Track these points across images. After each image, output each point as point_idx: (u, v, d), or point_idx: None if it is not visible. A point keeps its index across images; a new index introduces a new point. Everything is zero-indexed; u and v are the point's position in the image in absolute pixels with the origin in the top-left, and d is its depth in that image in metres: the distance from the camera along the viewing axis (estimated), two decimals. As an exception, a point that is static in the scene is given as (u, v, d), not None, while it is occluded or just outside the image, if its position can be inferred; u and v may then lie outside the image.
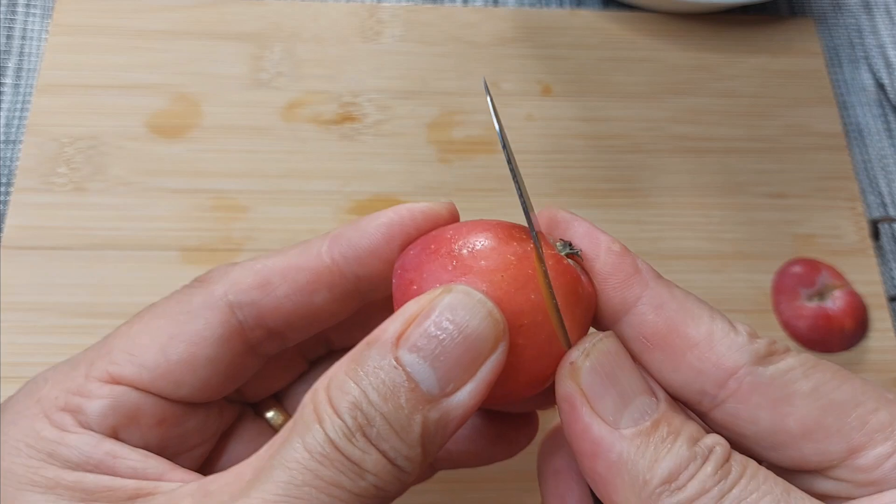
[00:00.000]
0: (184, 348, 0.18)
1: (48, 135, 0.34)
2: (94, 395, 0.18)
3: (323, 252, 0.19)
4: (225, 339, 0.18)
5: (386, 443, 0.15)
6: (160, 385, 0.18)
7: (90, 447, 0.17)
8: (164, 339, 0.18)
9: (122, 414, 0.18)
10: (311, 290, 0.19)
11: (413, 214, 0.19)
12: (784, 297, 0.33)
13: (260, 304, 0.18)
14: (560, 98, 0.37)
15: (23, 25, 0.37)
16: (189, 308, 0.18)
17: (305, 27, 0.37)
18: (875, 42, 0.41)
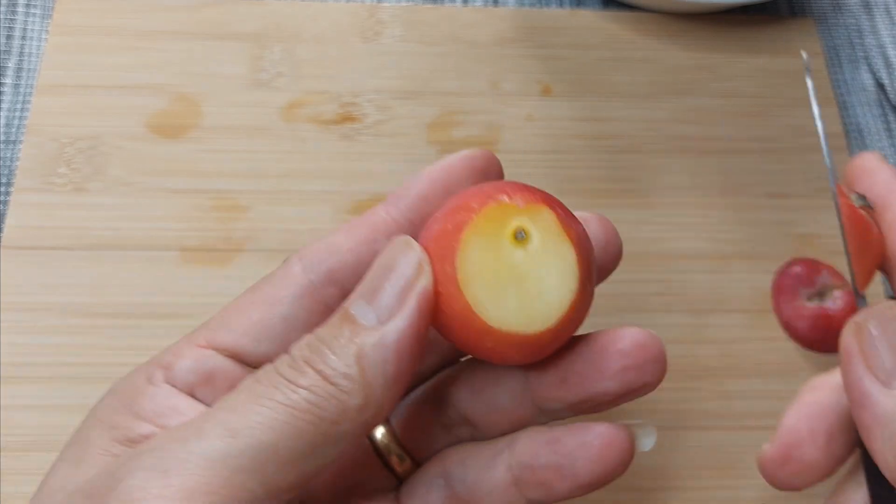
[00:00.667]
0: (262, 308, 0.20)
1: (48, 135, 0.34)
2: (185, 355, 0.19)
3: (378, 209, 0.21)
4: (298, 298, 0.20)
5: (322, 363, 0.17)
6: (241, 343, 0.20)
7: (161, 398, 0.19)
8: (249, 306, 0.20)
9: (201, 373, 0.19)
10: (372, 240, 0.20)
11: (454, 164, 0.21)
12: (784, 297, 0.33)
13: (328, 261, 0.20)
14: (560, 98, 0.37)
15: (23, 25, 0.37)
16: (270, 279, 0.20)
17: (305, 27, 0.37)
18: (875, 42, 0.41)
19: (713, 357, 0.32)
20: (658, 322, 0.32)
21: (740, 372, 0.32)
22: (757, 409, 0.31)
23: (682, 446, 0.30)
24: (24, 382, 0.29)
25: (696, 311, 0.33)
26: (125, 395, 0.19)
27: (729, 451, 0.30)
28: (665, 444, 0.30)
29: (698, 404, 0.31)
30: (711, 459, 0.30)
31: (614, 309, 0.32)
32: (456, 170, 0.20)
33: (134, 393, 0.19)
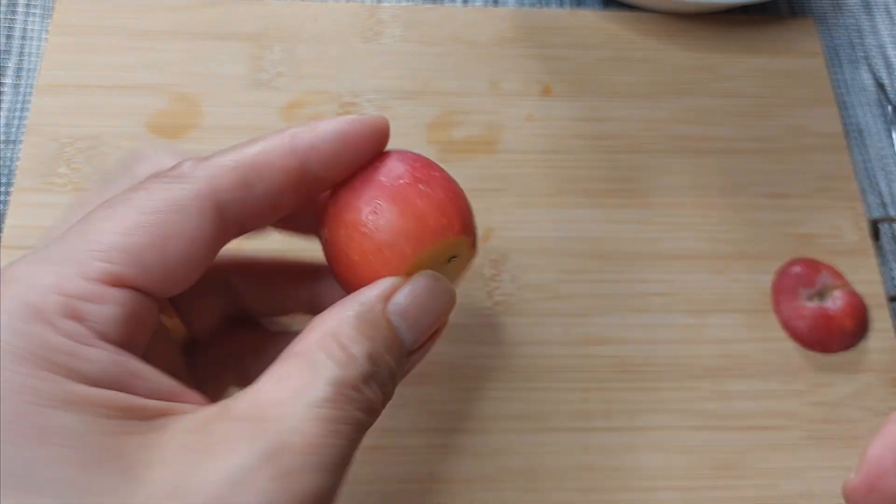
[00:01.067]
0: (183, 248, 0.18)
1: (48, 135, 0.34)
2: (103, 300, 0.16)
3: (289, 153, 0.19)
4: (213, 239, 0.18)
5: (387, 386, 0.19)
6: (160, 287, 0.18)
7: (109, 363, 0.16)
8: (160, 238, 0.17)
9: (135, 322, 0.17)
10: (282, 191, 0.19)
11: (361, 127, 0.21)
12: (784, 296, 0.33)
13: (242, 202, 0.19)
14: (560, 98, 0.37)
15: (23, 25, 0.37)
16: (180, 205, 0.18)
17: (305, 27, 0.37)
18: (875, 42, 0.41)
19: (713, 357, 0.32)
20: (658, 322, 0.32)
21: (740, 372, 0.32)
22: (757, 409, 0.31)
23: (683, 446, 0.30)
24: None
25: (696, 311, 0.33)
26: (49, 360, 0.15)
27: (729, 450, 0.30)
28: (665, 443, 0.30)
29: (698, 404, 0.31)
30: (712, 459, 0.30)
31: (614, 308, 0.32)
32: (359, 134, 0.21)
33: (59, 356, 0.16)
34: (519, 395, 0.31)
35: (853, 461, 0.30)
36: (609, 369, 0.31)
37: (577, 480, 0.29)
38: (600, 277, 0.33)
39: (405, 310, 0.20)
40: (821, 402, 0.31)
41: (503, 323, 0.32)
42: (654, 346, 0.32)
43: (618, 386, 0.31)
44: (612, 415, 0.31)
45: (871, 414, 0.31)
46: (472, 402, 0.30)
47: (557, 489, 0.29)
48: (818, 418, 0.31)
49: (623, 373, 0.31)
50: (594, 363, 0.31)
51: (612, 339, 0.32)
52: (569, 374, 0.31)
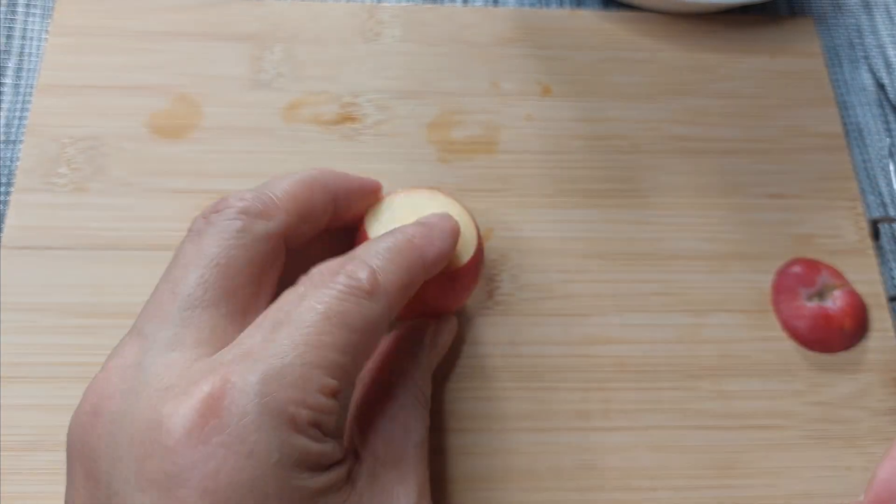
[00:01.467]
0: (364, 364, 0.23)
1: (48, 135, 0.34)
2: (332, 411, 0.21)
3: (327, 205, 0.26)
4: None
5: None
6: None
7: (332, 451, 0.21)
8: (362, 357, 0.22)
9: (335, 424, 0.21)
10: (315, 236, 0.26)
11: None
12: (784, 296, 0.33)
13: (297, 238, 0.25)
14: (559, 98, 0.37)
15: (23, 26, 0.37)
16: (378, 326, 0.22)
17: (305, 28, 0.37)
18: (875, 42, 0.41)
19: (712, 357, 0.32)
20: (657, 322, 0.32)
21: (739, 371, 0.32)
22: (756, 409, 0.31)
23: (682, 446, 0.30)
24: (24, 382, 0.29)
25: (695, 311, 0.33)
26: (303, 464, 0.20)
27: (728, 450, 0.30)
28: (664, 443, 0.30)
29: (697, 403, 0.31)
30: (711, 458, 0.30)
31: (614, 308, 0.33)
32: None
33: (307, 456, 0.20)
34: (519, 394, 0.31)
35: (852, 461, 0.31)
36: (609, 369, 0.31)
37: (576, 480, 0.29)
38: (600, 277, 0.33)
39: (440, 347, 0.29)
40: (820, 402, 0.32)
41: (503, 322, 0.32)
42: (653, 346, 0.32)
43: (617, 385, 0.31)
44: (612, 414, 0.31)
45: (871, 414, 0.31)
46: (472, 402, 0.30)
47: (557, 488, 0.29)
48: (817, 418, 0.31)
49: (622, 372, 0.31)
50: (594, 363, 0.31)
51: (611, 339, 0.32)
52: (568, 373, 0.31)
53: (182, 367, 0.20)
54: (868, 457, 0.31)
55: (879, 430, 0.31)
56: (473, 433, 0.30)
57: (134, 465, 0.18)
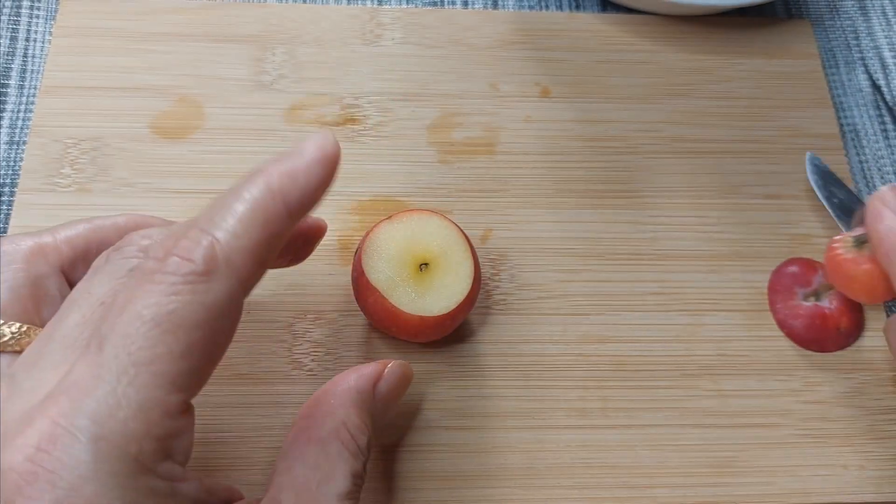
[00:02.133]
0: (223, 351, 0.20)
1: (52, 136, 0.34)
2: (184, 432, 0.18)
3: (288, 230, 0.21)
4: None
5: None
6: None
7: (195, 490, 0.19)
8: (214, 353, 0.19)
9: (191, 441, 0.19)
10: (282, 239, 0.22)
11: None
12: (780, 296, 0.33)
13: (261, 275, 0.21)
14: (558, 100, 0.37)
15: (27, 27, 0.37)
16: (221, 311, 0.19)
17: (307, 30, 0.38)
18: (871, 44, 0.41)
19: (709, 356, 0.32)
20: (655, 321, 0.33)
21: (736, 370, 0.32)
22: (753, 407, 0.31)
23: (679, 444, 0.31)
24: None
25: (692, 311, 0.33)
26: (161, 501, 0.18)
27: (725, 448, 0.31)
28: (662, 440, 0.31)
29: (695, 402, 0.31)
30: (708, 456, 0.30)
31: (612, 308, 0.33)
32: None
33: (163, 499, 0.18)
34: (517, 392, 0.31)
35: (848, 459, 0.31)
36: (607, 368, 0.32)
37: (575, 477, 0.30)
38: (598, 277, 0.33)
39: (386, 396, 0.26)
40: (816, 401, 0.32)
41: (502, 322, 0.32)
42: (651, 345, 0.32)
43: (615, 384, 0.31)
44: (610, 412, 0.31)
45: (866, 412, 0.32)
46: (472, 400, 0.31)
47: (556, 486, 0.29)
48: (813, 416, 0.31)
49: (620, 371, 0.32)
50: (592, 361, 0.32)
51: (609, 338, 0.32)
52: (567, 372, 0.31)
53: (24, 412, 0.17)
54: (864, 455, 0.31)
55: (875, 428, 0.31)
56: (472, 431, 0.30)
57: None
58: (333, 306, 0.32)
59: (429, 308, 0.28)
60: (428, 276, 0.28)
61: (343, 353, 0.31)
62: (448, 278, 0.28)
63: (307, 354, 0.31)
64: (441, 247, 0.29)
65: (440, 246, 0.29)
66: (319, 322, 0.31)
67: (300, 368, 0.30)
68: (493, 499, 0.29)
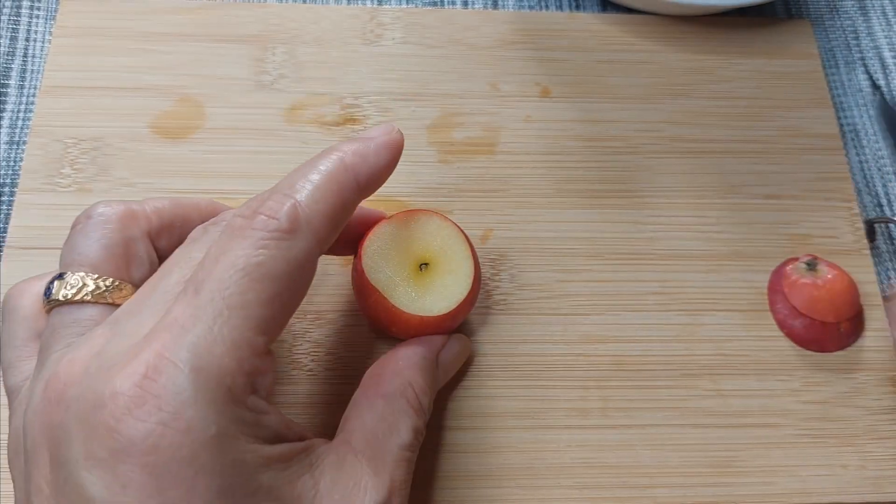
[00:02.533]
0: (301, 300, 0.22)
1: (52, 136, 0.34)
2: (267, 370, 0.21)
3: (349, 178, 0.24)
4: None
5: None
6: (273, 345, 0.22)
7: (277, 422, 0.21)
8: (291, 302, 0.21)
9: (273, 379, 0.21)
10: (349, 212, 0.24)
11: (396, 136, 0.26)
12: (779, 296, 0.33)
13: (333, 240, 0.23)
14: (558, 100, 0.37)
15: (27, 27, 0.37)
16: (301, 264, 0.21)
17: (307, 30, 0.38)
18: (871, 44, 0.41)
19: (709, 355, 0.32)
20: (655, 321, 0.33)
21: (736, 370, 0.32)
22: (753, 407, 0.31)
23: (679, 443, 0.31)
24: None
25: (691, 311, 0.33)
26: (246, 434, 0.20)
27: (725, 448, 0.31)
28: (662, 440, 0.31)
29: (695, 402, 0.31)
30: (708, 456, 0.31)
31: (612, 308, 0.33)
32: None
33: (250, 427, 0.20)
34: (517, 392, 0.31)
35: (848, 459, 0.31)
36: (606, 367, 0.32)
37: (574, 477, 0.30)
38: (598, 277, 0.33)
39: (447, 364, 0.29)
40: (816, 401, 0.32)
41: (502, 322, 0.32)
42: (650, 345, 0.32)
43: (615, 384, 0.31)
44: (610, 412, 0.31)
45: (866, 412, 0.32)
46: (471, 400, 0.31)
47: (555, 486, 0.29)
48: (813, 416, 0.31)
49: (620, 371, 0.32)
50: (592, 361, 0.32)
51: (609, 338, 0.32)
52: (567, 372, 0.31)
53: (130, 346, 0.20)
54: (864, 455, 0.31)
55: (875, 428, 0.31)
56: (472, 431, 0.30)
57: (82, 445, 0.19)
58: (333, 306, 0.32)
59: (429, 308, 0.28)
60: (428, 276, 0.28)
61: (343, 353, 0.31)
62: (448, 278, 0.28)
63: (307, 354, 0.31)
64: (441, 247, 0.29)
65: (440, 246, 0.29)
66: (319, 322, 0.31)
67: (300, 369, 0.30)
68: (493, 499, 0.29)
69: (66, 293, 0.23)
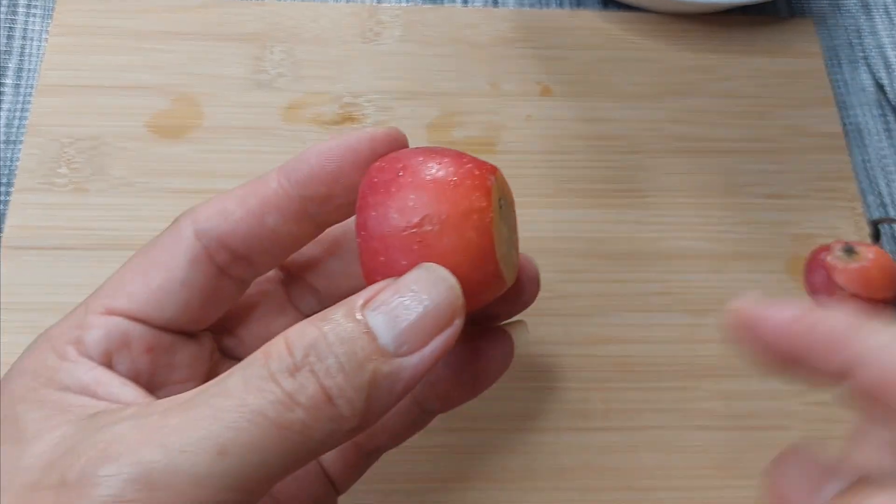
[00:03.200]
0: (160, 274, 0.20)
1: (49, 135, 0.34)
2: (92, 326, 0.20)
3: (271, 179, 0.21)
4: (193, 262, 0.20)
5: (331, 379, 0.16)
6: (146, 310, 0.20)
7: (81, 373, 0.19)
8: (144, 270, 0.21)
9: (114, 340, 0.20)
10: (263, 213, 0.20)
11: (351, 144, 0.20)
12: (831, 291, 0.32)
13: (219, 228, 0.20)
14: (559, 99, 0.37)
15: (23, 26, 0.37)
16: (161, 242, 0.21)
17: (305, 28, 0.37)
18: (874, 43, 0.41)
19: (712, 357, 0.32)
20: (657, 322, 0.33)
21: (740, 371, 0.32)
22: (757, 409, 0.31)
23: (682, 446, 0.30)
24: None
25: (695, 311, 0.33)
26: (39, 374, 0.19)
27: (729, 450, 0.30)
28: (665, 443, 0.30)
29: (698, 404, 0.31)
30: (711, 458, 0.30)
31: (614, 308, 0.33)
32: (356, 150, 0.20)
33: (49, 371, 0.19)
34: (519, 394, 0.31)
35: (852, 461, 0.31)
36: (609, 369, 0.31)
37: (576, 480, 0.29)
38: (600, 277, 0.33)
39: (385, 309, 0.17)
40: (819, 402, 0.32)
41: (503, 323, 0.32)
42: (653, 346, 0.32)
43: (617, 385, 0.31)
44: (612, 414, 0.31)
45: (871, 414, 0.31)
46: (472, 402, 0.30)
47: (557, 488, 0.29)
48: (817, 418, 0.31)
49: (623, 372, 0.31)
50: (594, 363, 0.32)
51: (611, 339, 0.32)
52: (569, 373, 0.31)
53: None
54: (868, 457, 0.31)
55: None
56: (472, 433, 0.30)
57: None
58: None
59: None
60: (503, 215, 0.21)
61: (342, 354, 0.31)
62: (511, 239, 0.22)
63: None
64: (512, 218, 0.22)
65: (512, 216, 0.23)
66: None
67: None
68: (493, 501, 0.29)
69: None
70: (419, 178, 0.19)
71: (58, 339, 0.19)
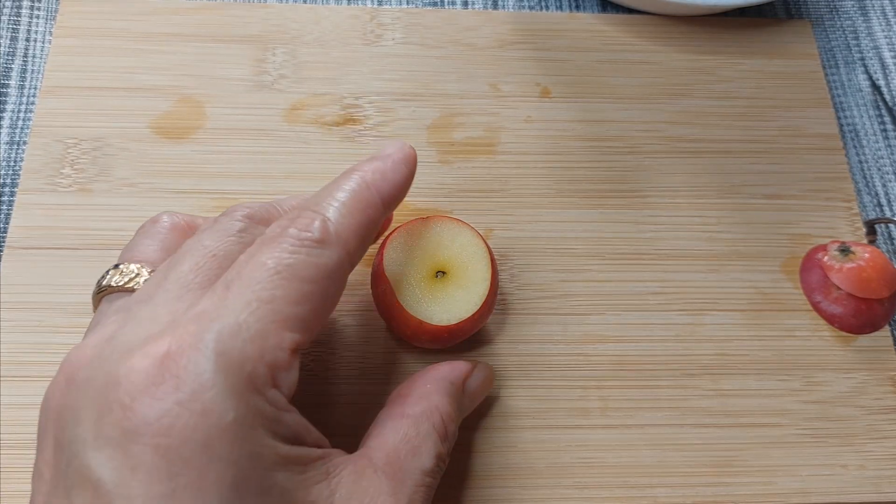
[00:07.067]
0: (332, 310, 0.22)
1: (53, 136, 0.34)
2: (291, 367, 0.21)
3: (372, 191, 0.24)
4: (341, 284, 0.23)
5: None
6: (309, 344, 0.23)
7: (296, 423, 0.21)
8: (321, 306, 0.22)
9: (295, 381, 0.21)
10: (370, 224, 0.24)
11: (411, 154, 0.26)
12: (827, 290, 0.32)
13: (352, 243, 0.23)
14: (558, 100, 0.37)
15: (27, 27, 0.37)
16: (331, 272, 0.22)
17: (307, 30, 0.38)
18: (871, 44, 0.41)
19: (710, 355, 0.32)
20: (655, 321, 0.33)
21: (737, 369, 0.32)
22: (753, 407, 0.31)
23: (680, 443, 0.31)
24: (26, 381, 0.30)
25: (692, 310, 0.33)
26: (264, 428, 0.19)
27: (726, 448, 0.31)
28: (662, 440, 0.31)
29: (695, 401, 0.31)
30: (708, 456, 0.31)
31: (612, 307, 0.33)
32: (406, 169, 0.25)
33: (269, 423, 0.20)
34: (518, 392, 0.31)
35: (848, 459, 0.31)
36: (607, 367, 0.32)
37: (574, 477, 0.30)
38: (598, 277, 0.33)
39: (473, 392, 0.28)
40: (816, 400, 0.32)
41: (502, 321, 0.32)
42: (651, 345, 0.32)
43: (615, 383, 0.31)
44: (610, 412, 0.31)
45: (866, 412, 0.32)
46: (472, 400, 0.31)
47: (555, 486, 0.29)
48: (813, 416, 0.31)
49: (621, 370, 0.32)
50: (592, 361, 0.32)
51: (610, 338, 0.32)
52: (567, 371, 0.31)
53: (148, 333, 0.20)
54: (864, 455, 0.31)
55: (875, 428, 0.31)
56: (472, 431, 0.30)
57: (92, 425, 0.18)
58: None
59: (430, 315, 0.28)
60: (441, 285, 0.28)
61: (344, 353, 0.31)
62: (459, 294, 0.28)
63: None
64: (464, 262, 0.29)
65: (464, 261, 0.29)
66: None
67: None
68: (493, 498, 0.29)
69: (118, 280, 0.24)
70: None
71: (261, 381, 0.19)
